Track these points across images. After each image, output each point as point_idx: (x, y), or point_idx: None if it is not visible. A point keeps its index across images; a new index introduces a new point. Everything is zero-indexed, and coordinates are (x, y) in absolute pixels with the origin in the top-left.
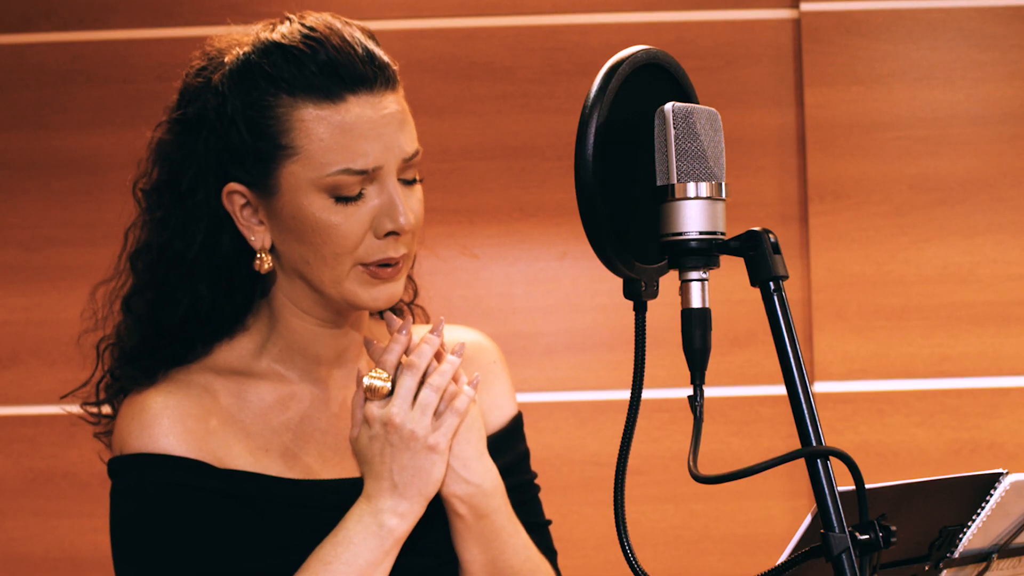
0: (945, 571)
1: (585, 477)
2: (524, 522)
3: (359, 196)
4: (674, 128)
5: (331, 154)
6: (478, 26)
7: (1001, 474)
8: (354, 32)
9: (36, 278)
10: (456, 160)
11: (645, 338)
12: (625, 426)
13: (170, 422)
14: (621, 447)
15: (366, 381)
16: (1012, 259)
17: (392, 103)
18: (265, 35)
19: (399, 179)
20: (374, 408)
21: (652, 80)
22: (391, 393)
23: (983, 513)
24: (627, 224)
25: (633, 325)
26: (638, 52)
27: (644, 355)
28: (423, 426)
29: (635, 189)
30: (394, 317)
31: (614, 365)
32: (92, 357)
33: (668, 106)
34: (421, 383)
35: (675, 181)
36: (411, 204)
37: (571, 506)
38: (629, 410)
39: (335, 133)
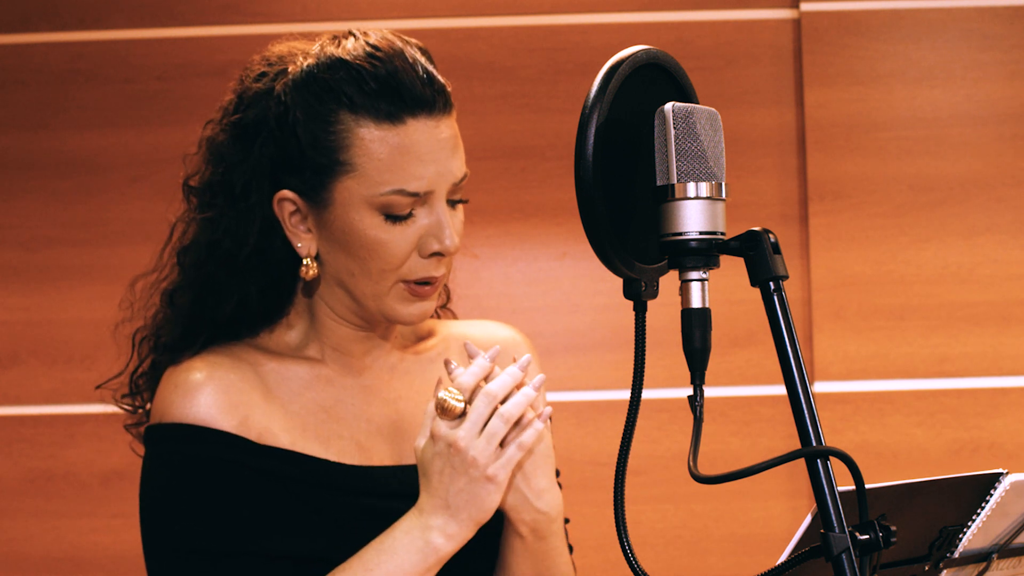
0: (945, 571)
1: (585, 477)
2: None
3: (409, 216)
4: (674, 128)
5: (387, 174)
6: (478, 26)
7: (1001, 474)
8: (415, 53)
9: (36, 278)
10: None
11: (645, 338)
12: (625, 426)
13: (213, 394)
14: (621, 447)
15: (441, 395)
16: (1012, 259)
17: (447, 128)
18: (331, 50)
19: (447, 200)
20: (443, 427)
21: (652, 80)
22: (463, 415)
23: (983, 513)
24: (627, 224)
25: (633, 325)
26: (638, 52)
27: (644, 355)
28: (486, 455)
29: (635, 189)
30: (474, 346)
31: (614, 365)
32: (127, 348)
33: (668, 106)
34: (494, 411)
35: (675, 181)
36: (455, 226)
37: (571, 506)
38: (629, 410)
39: (393, 154)
